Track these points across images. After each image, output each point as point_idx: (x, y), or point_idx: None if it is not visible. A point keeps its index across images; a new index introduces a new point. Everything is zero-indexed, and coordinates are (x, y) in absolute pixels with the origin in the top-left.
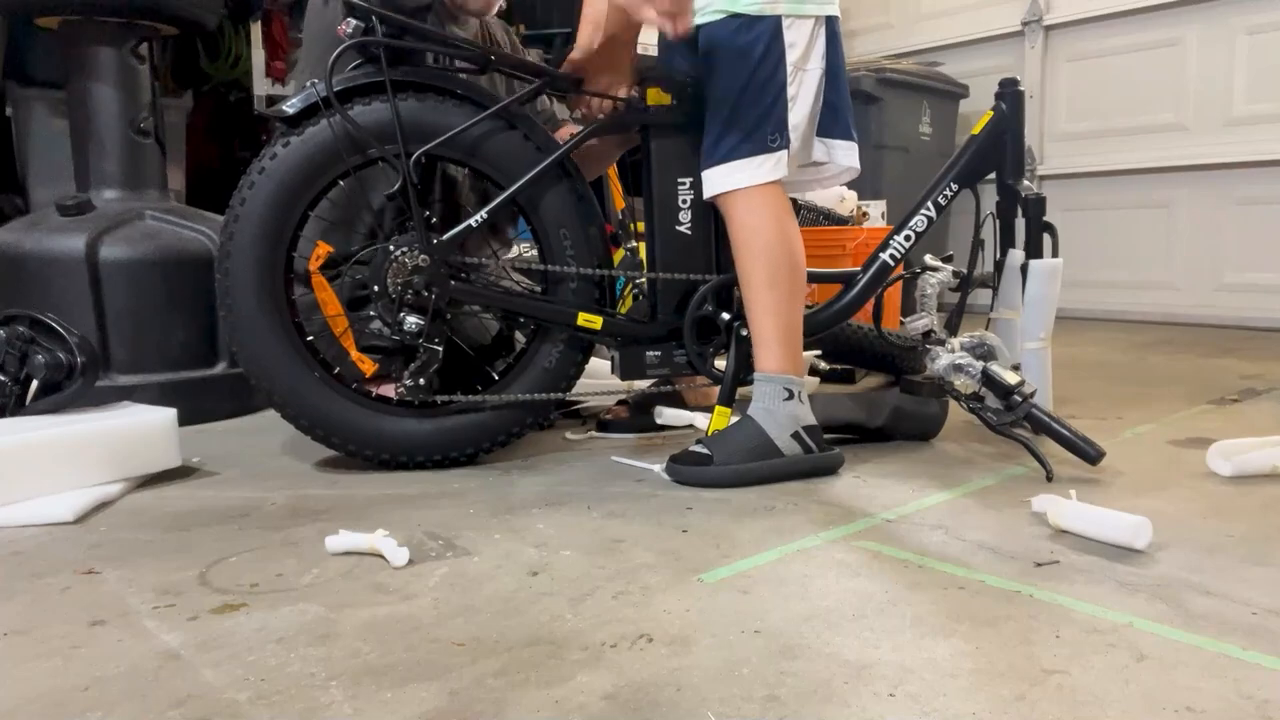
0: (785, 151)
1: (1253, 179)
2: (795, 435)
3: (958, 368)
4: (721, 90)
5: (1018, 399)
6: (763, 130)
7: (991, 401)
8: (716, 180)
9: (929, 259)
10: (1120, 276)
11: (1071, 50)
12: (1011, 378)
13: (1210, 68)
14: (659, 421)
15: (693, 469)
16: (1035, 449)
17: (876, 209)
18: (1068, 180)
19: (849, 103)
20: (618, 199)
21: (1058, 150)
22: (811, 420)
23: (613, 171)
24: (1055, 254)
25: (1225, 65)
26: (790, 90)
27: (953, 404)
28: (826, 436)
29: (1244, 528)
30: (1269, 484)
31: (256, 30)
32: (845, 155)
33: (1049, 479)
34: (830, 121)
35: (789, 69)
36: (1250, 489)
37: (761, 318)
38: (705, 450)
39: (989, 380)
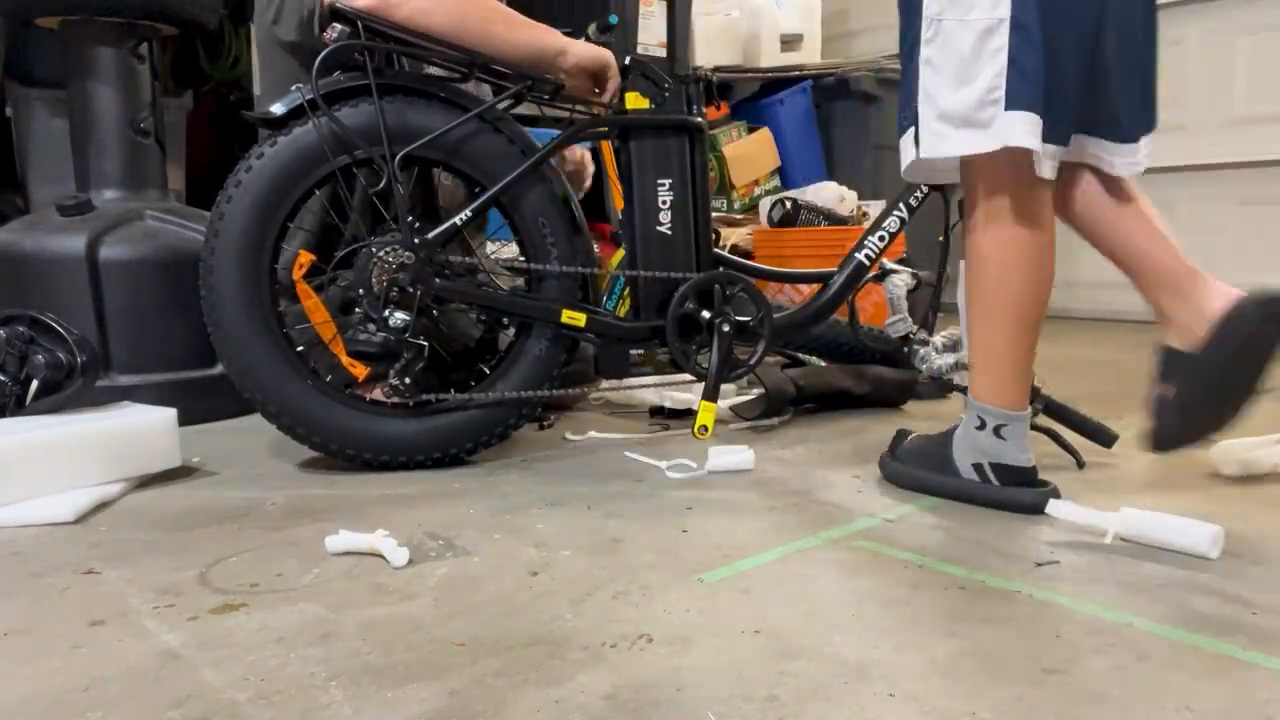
0: (913, 131)
1: (1253, 179)
2: (977, 466)
3: (967, 366)
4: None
5: (1034, 391)
6: (906, 102)
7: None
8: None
9: (886, 262)
10: (1120, 276)
11: None
12: None
13: (1210, 68)
14: (668, 406)
15: (883, 456)
16: (1062, 439)
17: (876, 209)
18: None
19: (1119, 81)
20: (617, 199)
21: None
22: (1010, 460)
23: (613, 172)
24: None
25: (1225, 65)
26: (924, 51)
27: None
28: (814, 398)
29: (1244, 528)
30: (1270, 484)
31: None
32: (1115, 161)
33: (1080, 466)
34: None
35: (924, 21)
36: (1251, 489)
37: (973, 337)
38: (900, 443)
39: None
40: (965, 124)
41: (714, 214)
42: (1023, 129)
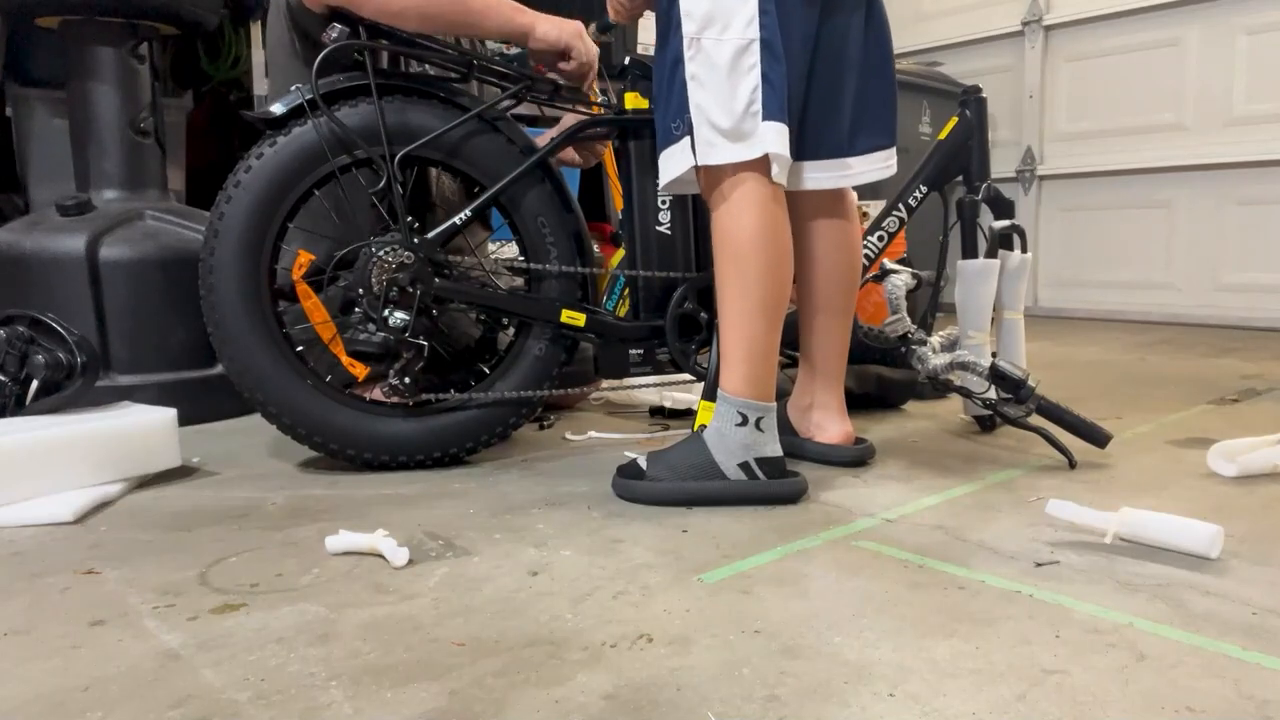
0: (688, 140)
1: (1253, 179)
2: (744, 465)
3: (962, 365)
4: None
5: (1027, 391)
6: (675, 114)
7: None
8: (661, 172)
9: (886, 262)
10: (1120, 276)
11: (1071, 50)
12: (1019, 371)
13: (1210, 68)
14: (668, 406)
15: (623, 482)
16: (1054, 438)
17: (876, 209)
18: (1068, 180)
19: (846, 110)
20: (617, 199)
21: (1058, 150)
22: (769, 451)
23: (613, 171)
24: (1024, 251)
25: (1225, 65)
26: (688, 67)
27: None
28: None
29: (1244, 528)
30: (1269, 484)
31: (256, 30)
32: (816, 180)
33: (1071, 466)
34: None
35: (684, 40)
36: (1251, 489)
37: (726, 329)
38: (642, 465)
39: (998, 375)
40: (732, 135)
41: None
42: (774, 137)
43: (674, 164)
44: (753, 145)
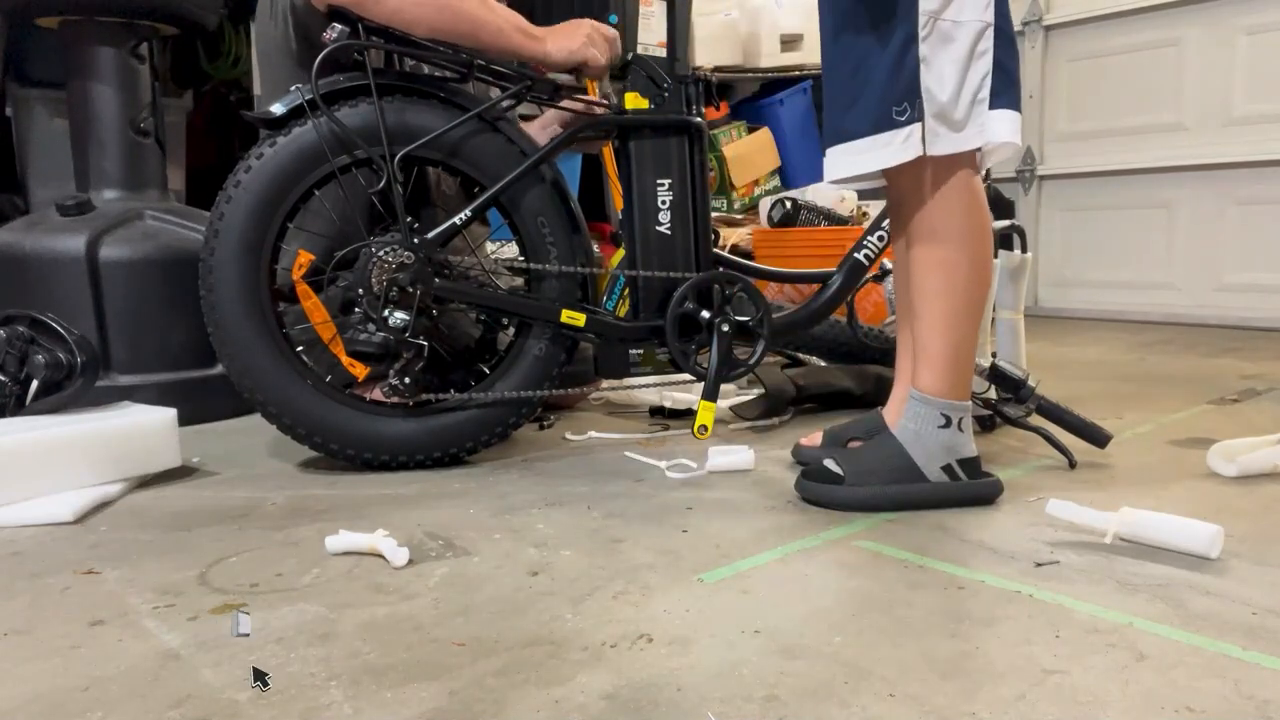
0: (917, 128)
1: (1253, 179)
2: (946, 468)
3: None
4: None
5: (1028, 390)
6: (903, 97)
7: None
8: (832, 165)
9: (886, 262)
10: (1120, 276)
11: (1071, 50)
12: (1019, 371)
13: (1210, 68)
14: (668, 406)
15: (820, 487)
16: (1054, 438)
17: (876, 209)
18: (1068, 180)
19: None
20: (617, 199)
21: (1058, 150)
22: (968, 452)
23: (613, 171)
24: (1025, 251)
25: (1225, 65)
26: (921, 49)
27: None
28: (814, 398)
29: (1244, 528)
30: (1270, 484)
31: None
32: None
33: (1071, 466)
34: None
35: (920, 18)
36: (1251, 489)
37: (930, 331)
38: (837, 469)
39: (998, 375)
40: (959, 124)
41: (714, 214)
42: (1006, 126)
43: (888, 154)
44: (980, 134)
